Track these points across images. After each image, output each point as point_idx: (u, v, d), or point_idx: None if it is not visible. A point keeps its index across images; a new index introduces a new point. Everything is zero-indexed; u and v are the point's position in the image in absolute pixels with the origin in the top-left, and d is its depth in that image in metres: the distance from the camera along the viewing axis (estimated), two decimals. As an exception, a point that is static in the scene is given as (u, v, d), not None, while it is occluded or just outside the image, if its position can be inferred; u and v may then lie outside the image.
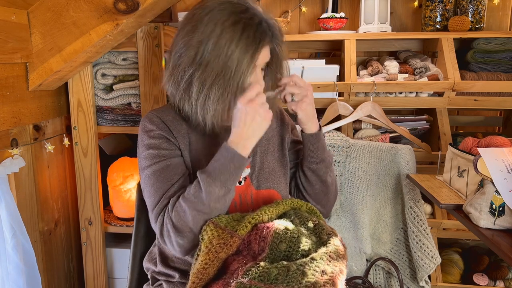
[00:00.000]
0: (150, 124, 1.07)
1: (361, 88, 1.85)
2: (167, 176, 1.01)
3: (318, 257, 0.83)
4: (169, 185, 1.01)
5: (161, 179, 1.01)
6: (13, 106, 1.31)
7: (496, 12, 2.15)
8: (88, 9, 1.30)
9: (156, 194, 1.01)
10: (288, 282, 0.79)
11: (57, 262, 1.60)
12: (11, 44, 1.26)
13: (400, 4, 2.23)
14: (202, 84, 0.99)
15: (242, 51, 0.96)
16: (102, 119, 1.60)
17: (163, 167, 1.02)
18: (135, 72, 1.53)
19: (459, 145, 1.45)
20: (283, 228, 0.89)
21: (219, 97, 0.98)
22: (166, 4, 1.37)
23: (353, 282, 1.69)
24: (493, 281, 1.82)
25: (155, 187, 1.02)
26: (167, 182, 1.01)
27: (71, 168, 1.64)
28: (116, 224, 1.68)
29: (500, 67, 1.86)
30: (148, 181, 1.03)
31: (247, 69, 0.98)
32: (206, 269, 0.86)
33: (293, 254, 0.86)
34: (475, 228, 1.14)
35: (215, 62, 0.97)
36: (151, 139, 1.05)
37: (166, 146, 1.05)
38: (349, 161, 1.74)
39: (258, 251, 0.87)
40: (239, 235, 0.88)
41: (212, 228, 0.89)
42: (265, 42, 1.00)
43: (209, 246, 0.87)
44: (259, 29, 0.98)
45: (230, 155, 0.94)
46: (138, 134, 1.09)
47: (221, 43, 0.96)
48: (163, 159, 1.03)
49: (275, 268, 0.81)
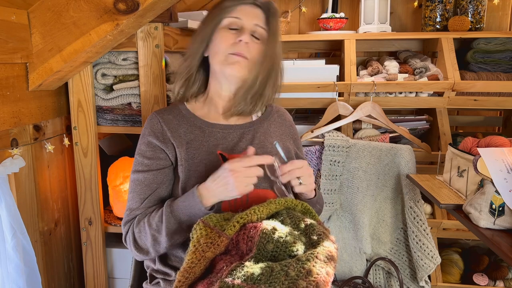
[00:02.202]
0: (147, 127, 1.16)
1: (361, 88, 1.85)
2: (143, 189, 1.12)
3: (304, 258, 0.82)
4: (142, 200, 1.12)
5: (137, 190, 1.12)
6: (13, 106, 1.31)
7: (496, 12, 2.15)
8: (88, 9, 1.30)
9: (132, 201, 1.13)
10: (270, 282, 0.78)
11: (57, 262, 1.60)
12: (11, 44, 1.27)
13: (400, 4, 2.23)
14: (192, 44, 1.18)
15: (220, 6, 1.15)
16: (102, 119, 1.60)
17: (141, 180, 1.12)
18: (135, 72, 1.53)
19: (459, 145, 1.45)
20: (270, 228, 0.88)
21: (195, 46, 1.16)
22: (166, 4, 1.37)
23: (353, 282, 1.70)
24: (493, 281, 1.82)
25: (132, 195, 1.14)
26: (141, 195, 1.12)
27: (71, 168, 1.64)
28: (116, 224, 1.68)
29: (500, 67, 1.86)
30: (130, 185, 1.15)
31: (219, 15, 1.14)
32: (192, 268, 0.85)
33: (280, 255, 0.85)
34: (475, 228, 1.14)
35: (201, 25, 1.18)
36: (141, 145, 1.15)
37: (150, 155, 1.13)
38: (349, 161, 1.74)
39: (246, 251, 0.87)
40: (227, 234, 0.87)
41: (202, 227, 0.89)
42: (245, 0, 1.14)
43: (196, 245, 0.87)
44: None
45: (194, 201, 1.02)
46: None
47: (210, 12, 1.18)
48: (145, 169, 1.12)
49: (259, 268, 0.80)
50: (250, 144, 1.16)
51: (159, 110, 1.20)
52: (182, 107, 1.20)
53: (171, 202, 1.06)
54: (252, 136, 1.18)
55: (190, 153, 1.11)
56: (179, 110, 1.19)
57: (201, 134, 1.14)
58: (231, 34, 1.13)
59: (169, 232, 1.04)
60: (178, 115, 1.18)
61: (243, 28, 1.14)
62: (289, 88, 1.83)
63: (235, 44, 1.12)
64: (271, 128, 1.23)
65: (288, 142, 1.25)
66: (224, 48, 1.12)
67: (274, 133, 1.23)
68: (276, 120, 1.26)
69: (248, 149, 1.06)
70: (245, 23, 1.14)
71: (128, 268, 1.32)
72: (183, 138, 1.13)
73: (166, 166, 1.13)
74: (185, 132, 1.14)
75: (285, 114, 1.31)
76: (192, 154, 1.11)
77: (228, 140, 1.15)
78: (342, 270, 1.77)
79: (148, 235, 1.06)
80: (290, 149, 1.23)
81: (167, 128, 1.13)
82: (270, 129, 1.23)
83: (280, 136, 1.24)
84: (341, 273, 1.77)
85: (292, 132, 1.30)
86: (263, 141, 1.18)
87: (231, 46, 1.12)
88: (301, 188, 1.09)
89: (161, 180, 1.12)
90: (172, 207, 1.05)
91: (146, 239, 1.08)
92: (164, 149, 1.12)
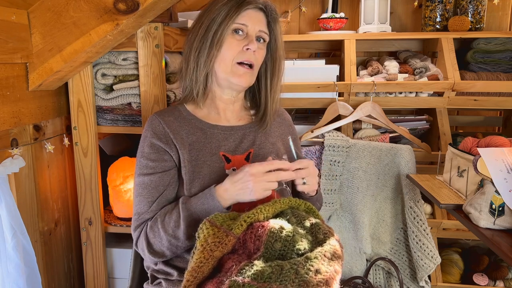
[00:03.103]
0: (148, 129, 1.14)
1: (361, 88, 1.85)
2: (150, 192, 1.10)
3: (312, 256, 0.83)
4: (150, 203, 1.10)
5: (144, 193, 1.11)
6: (13, 106, 1.31)
7: (496, 12, 2.15)
8: (88, 9, 1.30)
9: (139, 205, 1.11)
10: (281, 281, 0.78)
11: (57, 262, 1.60)
12: (11, 44, 1.27)
13: (400, 4, 2.23)
14: (194, 50, 1.13)
15: (222, 10, 1.09)
16: (102, 119, 1.60)
17: (148, 182, 1.11)
18: (135, 72, 1.53)
19: (459, 145, 1.45)
20: (278, 227, 0.88)
21: (203, 53, 1.11)
22: (166, 4, 1.37)
23: (353, 282, 1.70)
24: (493, 281, 1.82)
25: (139, 199, 1.12)
26: (148, 198, 1.10)
27: (71, 168, 1.64)
28: (116, 224, 1.68)
29: (500, 67, 1.86)
30: (136, 188, 1.13)
31: (224, 22, 1.08)
32: (200, 267, 0.85)
33: (288, 253, 0.86)
34: (475, 228, 1.14)
35: (203, 28, 1.11)
36: (144, 147, 1.13)
37: (155, 157, 1.11)
38: (349, 161, 1.74)
39: (253, 250, 0.87)
40: (235, 234, 0.88)
41: (208, 227, 0.89)
42: (248, 4, 1.10)
43: (204, 244, 0.87)
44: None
45: (214, 203, 1.01)
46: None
47: (209, 13, 1.11)
48: (150, 171, 1.11)
49: (268, 267, 0.80)
50: (252, 145, 1.16)
51: (159, 112, 1.19)
52: (182, 108, 1.20)
53: (187, 205, 1.04)
54: (253, 136, 1.18)
55: (193, 154, 1.11)
56: (180, 112, 1.18)
57: (202, 135, 1.14)
58: (237, 41, 1.10)
59: (189, 235, 1.02)
60: (179, 116, 1.17)
61: (249, 35, 1.11)
62: (289, 88, 1.83)
63: (242, 53, 1.10)
64: (272, 128, 1.23)
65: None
66: (230, 56, 1.10)
67: (274, 133, 1.23)
68: (276, 120, 1.26)
69: (268, 160, 1.05)
70: (250, 29, 1.11)
71: (128, 268, 1.32)
72: (185, 140, 1.12)
73: (172, 168, 1.12)
74: (187, 134, 1.14)
75: (284, 114, 1.32)
76: (195, 156, 1.11)
77: (230, 141, 1.15)
78: (342, 270, 1.76)
79: (164, 240, 1.05)
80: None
81: (169, 130, 1.13)
82: (271, 129, 1.23)
83: (280, 136, 1.24)
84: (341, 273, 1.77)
85: (291, 131, 1.30)
86: (264, 142, 1.18)
87: (238, 54, 1.11)
88: (303, 187, 1.09)
89: (168, 181, 1.11)
90: (190, 210, 1.03)
91: (161, 244, 1.06)
92: (168, 151, 1.11)
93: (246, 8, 1.10)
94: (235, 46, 1.10)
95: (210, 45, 1.10)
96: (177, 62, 1.68)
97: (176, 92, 1.65)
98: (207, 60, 1.11)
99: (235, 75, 1.11)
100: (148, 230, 1.09)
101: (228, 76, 1.12)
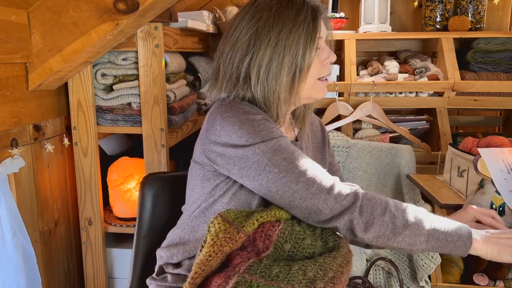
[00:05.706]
0: (247, 107, 0.95)
1: (361, 88, 1.85)
2: (302, 155, 0.91)
3: (321, 260, 0.84)
4: (322, 170, 0.91)
5: (301, 159, 0.90)
6: (13, 106, 1.31)
7: (496, 12, 2.15)
8: (88, 9, 1.30)
9: (317, 176, 0.89)
10: (288, 280, 0.79)
11: (57, 262, 1.60)
12: (11, 44, 1.26)
13: (400, 4, 2.23)
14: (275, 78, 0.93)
15: (300, 36, 0.92)
16: (102, 119, 1.59)
17: (289, 143, 0.92)
18: (135, 72, 1.53)
19: (459, 145, 1.45)
20: (289, 228, 0.90)
21: (289, 84, 0.94)
22: (166, 4, 1.37)
23: (353, 282, 1.69)
24: (493, 281, 1.82)
25: (302, 165, 0.89)
26: (314, 164, 0.91)
27: (71, 168, 1.64)
28: (116, 224, 1.68)
29: (500, 67, 1.86)
30: (276, 157, 0.88)
31: (307, 52, 0.93)
32: (209, 261, 0.86)
33: (297, 255, 0.87)
34: (475, 228, 1.14)
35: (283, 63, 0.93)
36: (255, 117, 0.92)
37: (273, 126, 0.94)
38: (349, 161, 1.74)
39: (263, 249, 0.88)
40: (246, 231, 0.89)
41: (220, 222, 0.89)
42: (321, 14, 0.96)
43: (214, 238, 0.87)
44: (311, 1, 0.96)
45: (465, 236, 0.89)
46: (220, 120, 0.93)
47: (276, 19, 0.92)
48: (281, 133, 0.93)
49: (277, 265, 0.82)
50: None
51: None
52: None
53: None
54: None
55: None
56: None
57: None
58: (317, 57, 0.98)
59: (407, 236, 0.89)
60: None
61: (325, 46, 1.00)
62: (289, 88, 1.82)
63: (324, 67, 1.01)
64: (309, 141, 1.15)
65: (326, 153, 1.18)
66: (315, 76, 0.99)
67: (310, 145, 1.16)
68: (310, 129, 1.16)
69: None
70: (323, 39, 1.00)
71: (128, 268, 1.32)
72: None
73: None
74: None
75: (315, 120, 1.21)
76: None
77: None
78: (342, 270, 1.77)
79: (388, 229, 0.90)
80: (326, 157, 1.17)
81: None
82: (308, 143, 1.15)
83: (314, 149, 1.16)
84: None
85: (324, 137, 1.20)
86: (311, 157, 1.01)
87: (320, 69, 1.00)
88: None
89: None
90: (435, 227, 0.90)
91: (381, 228, 0.90)
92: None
93: (324, 17, 0.99)
94: (318, 65, 0.99)
95: (293, 77, 0.95)
96: (176, 62, 1.68)
97: (176, 92, 1.65)
98: (291, 90, 0.96)
99: (317, 91, 1.02)
100: (359, 214, 0.89)
101: (309, 94, 1.01)
